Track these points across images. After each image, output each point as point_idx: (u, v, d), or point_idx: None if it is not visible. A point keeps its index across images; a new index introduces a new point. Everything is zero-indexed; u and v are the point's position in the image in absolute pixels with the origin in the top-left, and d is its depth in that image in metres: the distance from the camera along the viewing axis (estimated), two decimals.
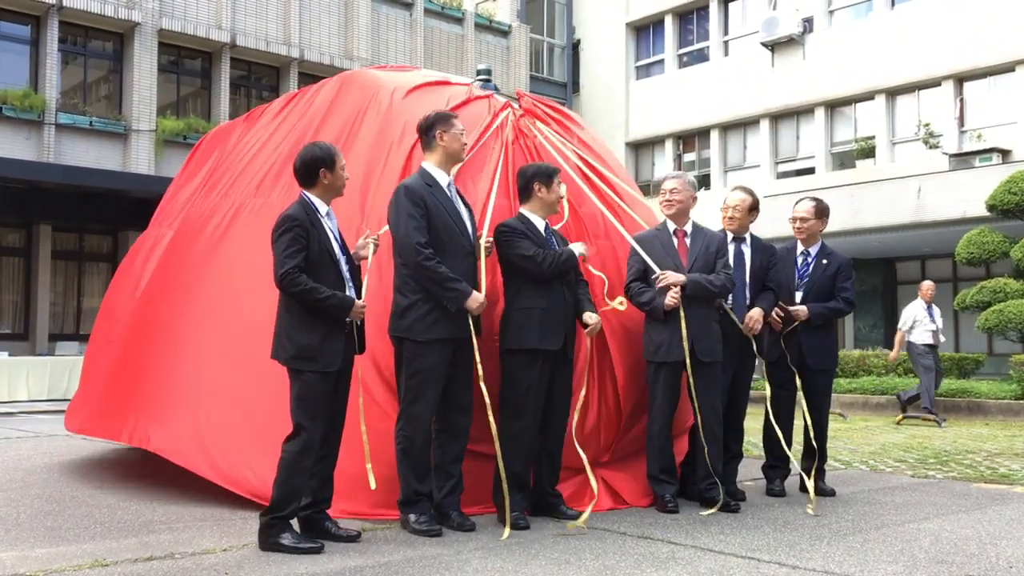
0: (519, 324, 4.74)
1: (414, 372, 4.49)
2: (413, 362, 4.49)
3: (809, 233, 5.94)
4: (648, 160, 27.04)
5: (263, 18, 19.79)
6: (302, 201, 4.32)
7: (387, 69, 6.75)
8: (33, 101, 16.72)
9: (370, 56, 21.02)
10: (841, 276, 5.84)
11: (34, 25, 17.37)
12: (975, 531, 4.63)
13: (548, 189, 4.90)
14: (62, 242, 17.68)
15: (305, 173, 4.33)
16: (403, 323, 4.51)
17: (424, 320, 4.47)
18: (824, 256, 5.92)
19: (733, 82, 24.28)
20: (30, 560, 3.91)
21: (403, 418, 4.53)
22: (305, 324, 4.17)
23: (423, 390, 4.47)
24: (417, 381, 4.48)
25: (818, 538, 4.41)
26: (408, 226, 4.46)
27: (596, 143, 6.36)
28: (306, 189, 4.35)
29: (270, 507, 4.14)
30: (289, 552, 4.01)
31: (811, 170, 22.93)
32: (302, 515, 4.27)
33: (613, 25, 27.31)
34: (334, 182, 4.35)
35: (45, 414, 12.83)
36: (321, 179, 4.30)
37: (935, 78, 20.65)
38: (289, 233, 4.18)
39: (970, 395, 12.67)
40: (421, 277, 4.47)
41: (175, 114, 18.85)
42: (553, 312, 4.76)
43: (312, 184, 4.33)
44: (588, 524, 4.59)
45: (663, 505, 5.06)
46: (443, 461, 4.57)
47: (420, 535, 4.34)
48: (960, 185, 18.35)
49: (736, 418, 5.62)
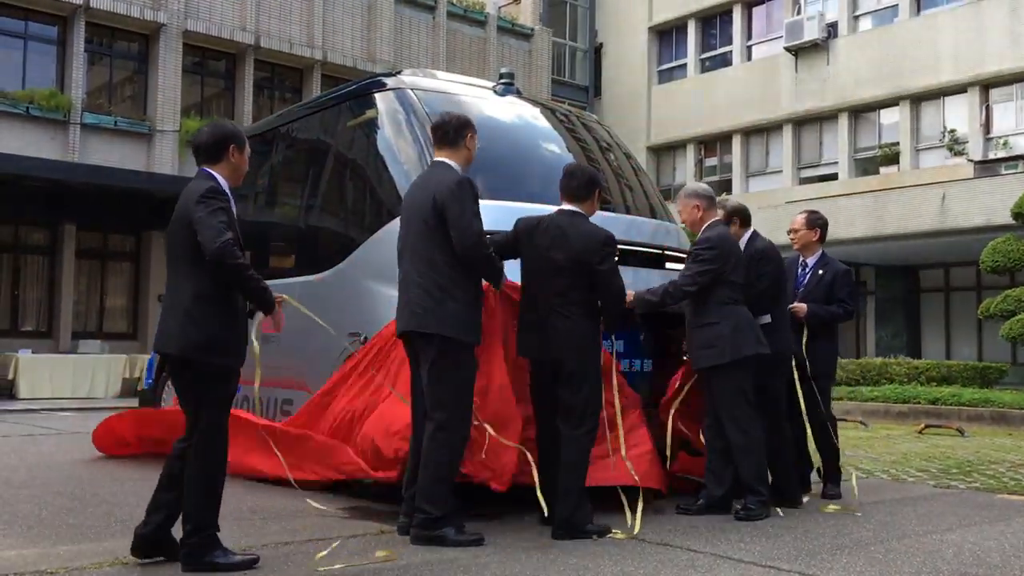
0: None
1: (464, 377, 4.39)
2: (463, 366, 4.38)
3: (803, 243, 6.10)
4: (669, 165, 26.98)
5: (287, 20, 19.90)
6: (214, 178, 3.87)
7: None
8: (59, 101, 16.90)
9: (393, 59, 21.10)
10: (838, 285, 5.94)
11: (61, 26, 17.55)
12: (998, 543, 4.58)
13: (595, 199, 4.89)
14: (86, 241, 17.84)
15: (213, 147, 3.91)
16: (456, 324, 4.35)
17: (475, 324, 4.44)
18: (821, 266, 6.03)
19: (756, 87, 24.19)
20: (52, 557, 3.94)
21: (452, 426, 4.31)
22: (223, 313, 3.78)
23: (468, 396, 4.40)
24: (465, 386, 4.39)
25: (839, 548, 4.38)
26: (475, 220, 4.36)
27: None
28: (209, 166, 3.91)
29: (203, 525, 3.75)
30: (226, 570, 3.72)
31: (834, 176, 22.81)
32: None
33: (636, 29, 27.29)
34: (240, 164, 3.99)
35: (67, 411, 12.96)
36: (229, 156, 3.92)
37: (960, 84, 20.50)
38: (219, 204, 3.74)
39: (994, 405, 12.53)
40: (485, 270, 4.48)
41: (199, 115, 18.98)
42: None
43: (217, 161, 3.91)
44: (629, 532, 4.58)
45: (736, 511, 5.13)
46: None
47: (467, 545, 4.24)
48: (985, 192, 18.19)
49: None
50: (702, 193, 5.50)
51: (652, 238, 6.10)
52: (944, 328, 21.62)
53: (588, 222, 4.75)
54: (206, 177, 3.89)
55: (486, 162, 5.84)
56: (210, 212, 3.71)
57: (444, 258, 4.38)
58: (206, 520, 3.77)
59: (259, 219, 7.36)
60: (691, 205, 5.43)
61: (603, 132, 7.03)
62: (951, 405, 12.65)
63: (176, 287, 3.85)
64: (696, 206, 5.42)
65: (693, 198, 5.45)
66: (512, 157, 5.99)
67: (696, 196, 5.47)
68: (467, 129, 4.67)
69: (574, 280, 4.63)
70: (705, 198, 5.45)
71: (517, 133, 6.31)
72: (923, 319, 22.07)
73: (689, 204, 5.44)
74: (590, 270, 4.62)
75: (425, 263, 4.41)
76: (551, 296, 4.64)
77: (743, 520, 4.98)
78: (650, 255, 6.00)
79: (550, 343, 4.63)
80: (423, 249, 4.43)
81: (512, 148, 6.01)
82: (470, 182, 4.49)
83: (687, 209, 5.45)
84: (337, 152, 6.47)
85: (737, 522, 4.97)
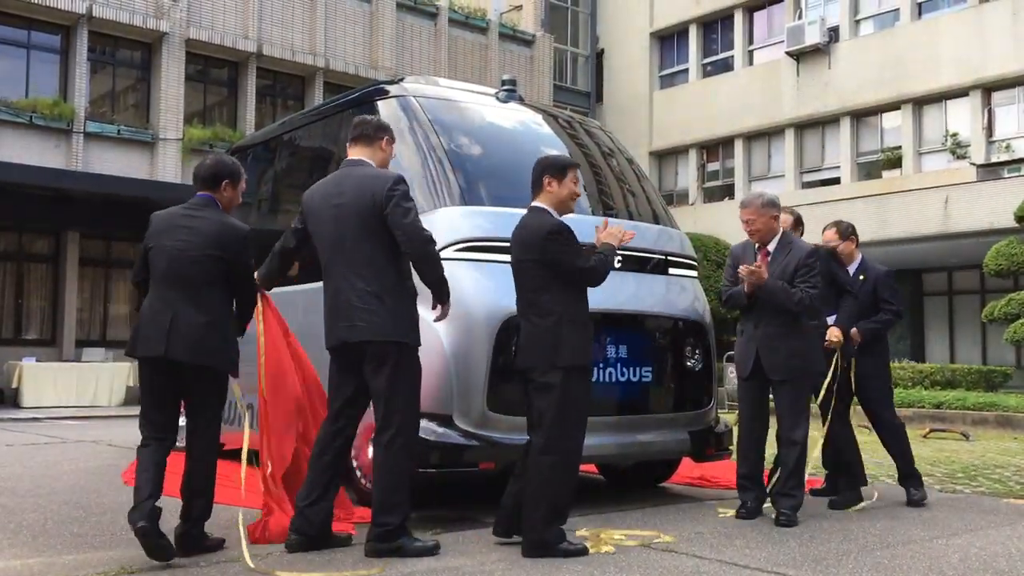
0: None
1: (417, 381, 4.32)
2: (416, 370, 4.32)
3: (844, 255, 6.11)
4: (672, 170, 26.98)
5: (289, 28, 19.96)
6: (207, 198, 4.37)
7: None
8: (62, 110, 16.94)
9: (395, 66, 21.14)
10: (880, 289, 6.02)
11: (64, 34, 17.61)
12: (1004, 547, 4.57)
13: (560, 184, 4.50)
14: (90, 249, 17.87)
15: (209, 179, 4.37)
16: (408, 328, 4.28)
17: (417, 324, 4.35)
18: (861, 272, 6.09)
19: (757, 92, 24.20)
20: (57, 567, 3.94)
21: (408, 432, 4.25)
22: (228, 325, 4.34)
23: (419, 400, 4.35)
24: (417, 390, 4.32)
25: (845, 553, 4.37)
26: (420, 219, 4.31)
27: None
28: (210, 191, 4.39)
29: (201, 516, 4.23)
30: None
31: (836, 180, 22.80)
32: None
33: (637, 34, 27.32)
34: (233, 198, 4.43)
35: (72, 419, 12.96)
36: (222, 189, 4.37)
37: (962, 88, 20.49)
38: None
39: (998, 408, 12.51)
40: (435, 270, 4.31)
41: (202, 123, 19.03)
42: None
43: (215, 190, 4.37)
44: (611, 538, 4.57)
45: (738, 511, 5.28)
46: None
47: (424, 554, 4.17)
48: (988, 196, 18.18)
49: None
50: (778, 202, 5.49)
51: (655, 244, 6.10)
52: (948, 332, 21.58)
53: (537, 215, 4.44)
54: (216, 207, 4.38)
55: (489, 168, 5.87)
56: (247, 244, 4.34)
57: (386, 259, 4.24)
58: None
59: (263, 227, 7.37)
60: (769, 215, 5.37)
61: (605, 138, 7.03)
62: (956, 409, 12.63)
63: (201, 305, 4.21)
64: (775, 216, 5.41)
65: (772, 208, 5.40)
66: (515, 164, 5.98)
67: (775, 206, 5.44)
68: (385, 132, 4.59)
69: (534, 279, 4.41)
70: (779, 208, 5.48)
71: (520, 140, 6.31)
72: (927, 323, 22.03)
73: (767, 214, 5.37)
74: (547, 262, 4.35)
75: (367, 266, 4.23)
76: (522, 299, 4.50)
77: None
78: (654, 260, 6.00)
79: (522, 349, 4.48)
80: (363, 252, 4.24)
81: (515, 154, 6.01)
82: (404, 179, 4.38)
83: (763, 219, 5.35)
84: (340, 160, 6.47)
85: (744, 528, 4.96)
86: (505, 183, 5.65)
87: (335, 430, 4.37)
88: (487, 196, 5.55)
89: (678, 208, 24.35)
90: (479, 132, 6.04)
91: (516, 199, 5.52)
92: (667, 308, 5.92)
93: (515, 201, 5.47)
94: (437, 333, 5.12)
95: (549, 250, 4.33)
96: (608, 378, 5.51)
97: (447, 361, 5.08)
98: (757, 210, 5.37)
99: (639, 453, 5.85)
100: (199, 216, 4.28)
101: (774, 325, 5.29)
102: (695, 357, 5.93)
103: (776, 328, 5.29)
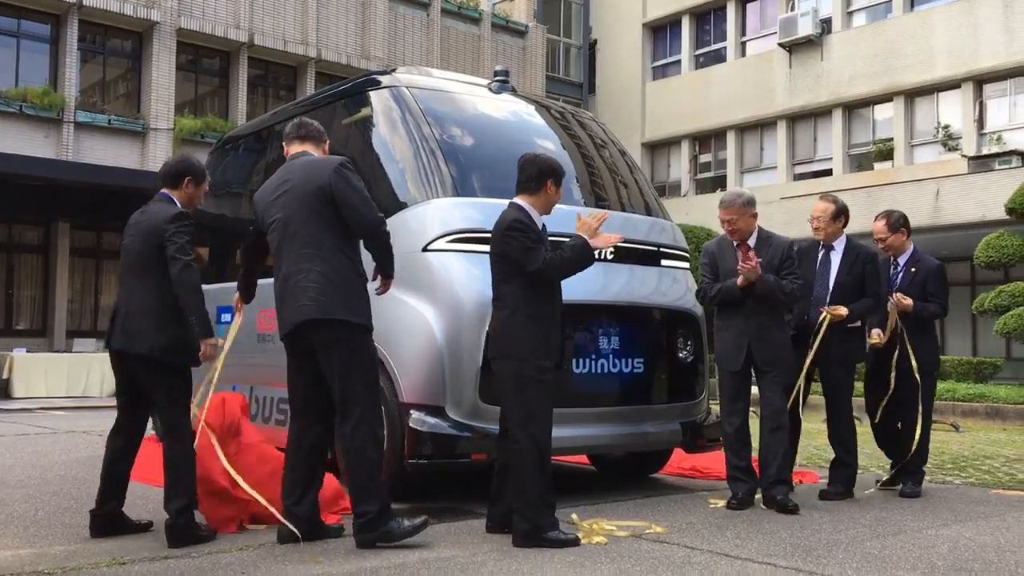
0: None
1: (374, 365, 4.32)
2: (371, 353, 4.33)
3: (895, 247, 6.05)
4: (664, 161, 26.99)
5: (281, 18, 19.87)
6: (166, 195, 4.42)
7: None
8: (52, 99, 16.85)
9: (387, 56, 21.07)
10: (931, 281, 5.95)
11: (54, 24, 17.51)
12: (993, 538, 4.60)
13: (556, 190, 4.57)
14: (80, 240, 17.81)
15: (171, 176, 4.45)
16: (360, 309, 4.24)
17: (369, 308, 4.31)
18: (913, 263, 6.02)
19: (750, 83, 24.21)
20: (48, 558, 3.93)
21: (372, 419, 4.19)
22: (179, 316, 4.23)
23: (378, 385, 4.34)
24: (375, 374, 4.32)
25: (835, 544, 4.39)
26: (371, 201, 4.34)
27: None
28: (168, 191, 4.44)
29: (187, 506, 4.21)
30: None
31: (828, 172, 22.84)
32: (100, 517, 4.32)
33: (630, 25, 27.29)
34: (194, 196, 4.47)
35: (63, 410, 12.93)
36: (184, 186, 4.42)
37: (954, 80, 20.53)
38: (188, 229, 4.29)
39: (988, 400, 12.57)
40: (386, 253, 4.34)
41: (193, 113, 18.94)
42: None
43: (175, 187, 4.43)
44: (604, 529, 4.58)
45: (729, 502, 5.31)
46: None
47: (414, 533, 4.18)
48: (979, 188, 18.22)
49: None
50: (755, 200, 5.55)
51: (647, 235, 6.10)
52: (939, 323, 21.62)
53: (509, 210, 4.46)
54: (169, 202, 4.43)
55: (482, 160, 5.86)
56: (178, 230, 4.26)
57: (335, 241, 4.22)
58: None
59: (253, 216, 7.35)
60: (749, 214, 5.44)
61: (598, 129, 7.03)
62: (946, 400, 12.68)
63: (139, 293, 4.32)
64: (753, 215, 5.48)
65: (751, 207, 5.46)
66: (507, 155, 5.97)
67: (753, 204, 5.50)
68: (325, 136, 4.67)
69: (497, 272, 4.44)
70: (756, 205, 5.53)
71: (512, 131, 6.30)
72: None
73: (747, 212, 5.43)
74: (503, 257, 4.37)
75: (315, 248, 4.20)
76: (492, 289, 4.51)
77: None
78: (646, 252, 6.00)
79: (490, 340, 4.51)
80: (311, 234, 4.21)
81: (507, 146, 6.00)
82: (350, 162, 4.40)
83: (744, 218, 5.42)
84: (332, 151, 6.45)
85: (735, 519, 4.98)
86: (498, 174, 5.64)
87: (300, 428, 4.33)
88: (479, 187, 5.55)
89: (670, 199, 24.37)
90: (472, 123, 6.03)
91: (509, 190, 5.50)
92: (659, 299, 5.93)
93: (508, 193, 5.45)
94: (429, 323, 5.12)
95: (505, 244, 4.36)
96: (600, 369, 5.51)
97: (439, 351, 5.09)
98: (738, 210, 5.43)
99: (631, 444, 5.87)
100: (148, 211, 4.42)
101: (764, 318, 5.38)
102: (687, 348, 5.94)
103: (766, 320, 5.39)
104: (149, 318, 4.22)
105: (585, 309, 5.46)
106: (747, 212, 5.43)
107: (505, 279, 4.40)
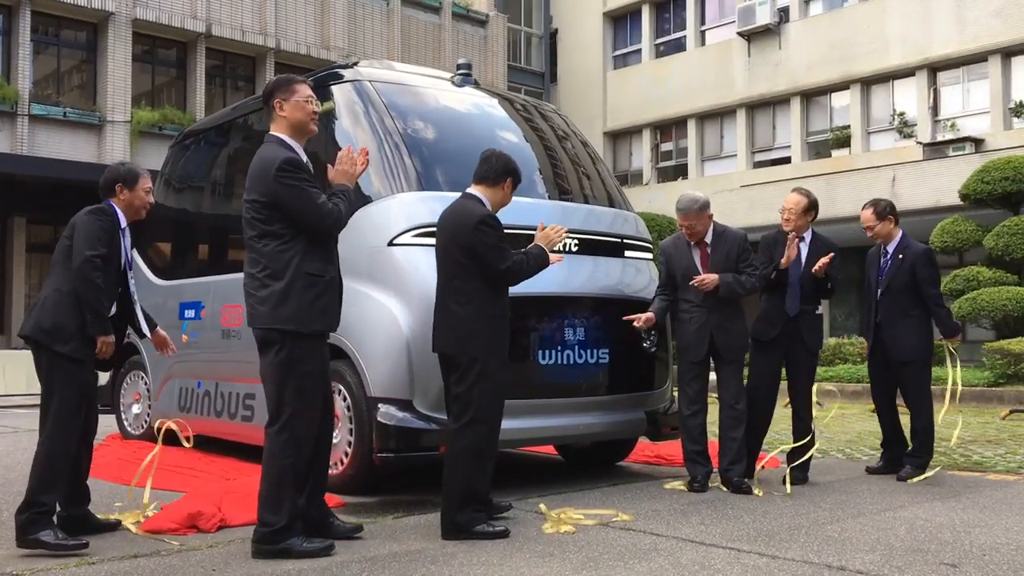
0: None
1: (308, 371, 3.97)
2: (305, 359, 3.98)
3: (884, 235, 6.17)
4: (626, 150, 27.12)
5: (238, 8, 19.66)
6: (107, 203, 4.41)
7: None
8: (6, 92, 16.57)
9: (347, 46, 20.94)
10: (919, 267, 6.04)
11: (6, 15, 17.19)
12: (949, 519, 4.73)
13: (512, 191, 4.63)
14: (37, 235, 17.54)
15: (104, 187, 4.46)
16: (282, 312, 3.95)
17: (316, 311, 4.00)
18: (900, 250, 6.12)
19: (710, 72, 24.38)
20: (15, 560, 3.91)
21: (297, 425, 3.94)
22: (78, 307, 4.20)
23: (315, 392, 4.03)
24: (311, 380, 3.99)
25: (796, 528, 4.49)
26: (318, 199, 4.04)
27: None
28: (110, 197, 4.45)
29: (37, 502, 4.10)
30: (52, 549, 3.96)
31: (787, 160, 23.09)
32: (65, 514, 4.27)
33: (590, 14, 27.34)
34: (132, 200, 4.43)
35: (22, 408, 12.75)
36: (118, 193, 4.41)
37: (909, 68, 20.84)
38: (100, 222, 4.26)
39: (944, 383, 12.81)
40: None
41: (150, 104, 18.71)
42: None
43: (112, 196, 4.43)
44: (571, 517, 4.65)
45: (690, 485, 5.53)
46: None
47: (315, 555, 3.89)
48: (934, 174, 18.55)
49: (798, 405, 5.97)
50: (709, 202, 5.77)
51: (611, 227, 6.17)
52: None
53: (472, 203, 4.45)
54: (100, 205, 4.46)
55: (445, 153, 5.87)
56: (88, 223, 4.24)
57: (277, 244, 3.98)
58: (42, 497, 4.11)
59: (215, 211, 7.31)
60: (706, 216, 5.66)
61: (560, 121, 7.07)
62: None
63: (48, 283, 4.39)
64: (710, 216, 5.71)
65: (707, 209, 5.69)
66: (471, 148, 5.99)
67: (709, 206, 5.73)
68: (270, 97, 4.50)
69: (457, 266, 4.39)
70: (710, 206, 5.77)
71: (475, 124, 6.32)
72: None
73: (704, 215, 5.65)
74: (472, 252, 4.33)
75: (258, 252, 4.03)
76: (443, 283, 4.48)
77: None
78: (609, 243, 6.06)
79: (437, 333, 4.48)
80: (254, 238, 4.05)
81: (471, 139, 6.03)
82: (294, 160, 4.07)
83: (701, 221, 5.64)
84: None
85: (699, 505, 5.07)
86: (461, 168, 5.64)
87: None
88: (444, 181, 5.56)
89: (632, 188, 24.50)
90: (435, 117, 6.04)
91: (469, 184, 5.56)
92: (623, 291, 6.00)
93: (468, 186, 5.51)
94: (395, 317, 5.15)
95: (476, 240, 4.35)
96: (566, 360, 5.57)
97: (406, 345, 5.11)
98: (696, 215, 5.63)
99: (597, 433, 5.95)
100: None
101: (726, 311, 5.64)
102: (651, 339, 6.01)
103: (728, 312, 5.66)
104: (47, 304, 4.26)
105: (550, 301, 5.52)
106: (704, 215, 5.67)
107: (467, 275, 4.38)
